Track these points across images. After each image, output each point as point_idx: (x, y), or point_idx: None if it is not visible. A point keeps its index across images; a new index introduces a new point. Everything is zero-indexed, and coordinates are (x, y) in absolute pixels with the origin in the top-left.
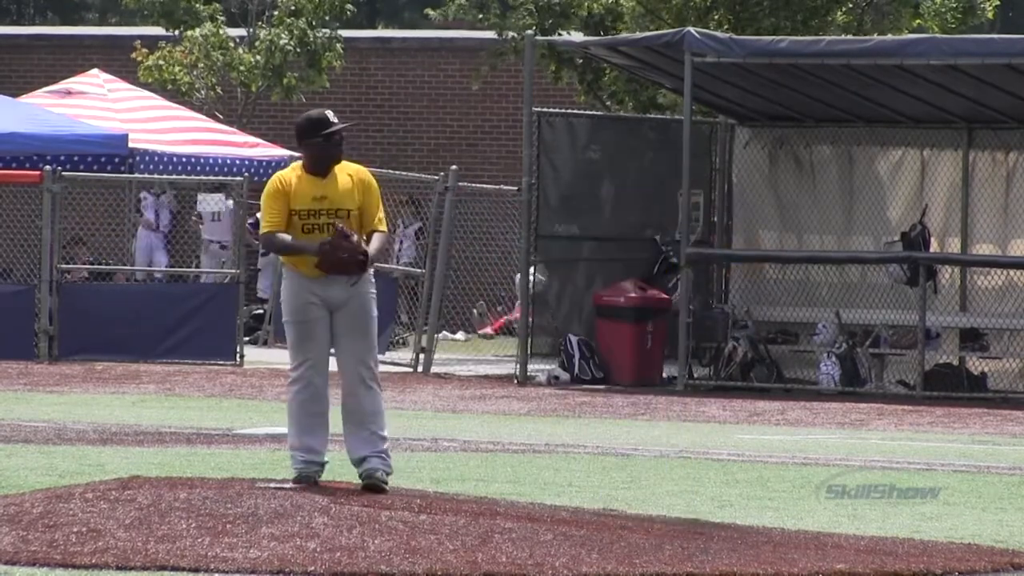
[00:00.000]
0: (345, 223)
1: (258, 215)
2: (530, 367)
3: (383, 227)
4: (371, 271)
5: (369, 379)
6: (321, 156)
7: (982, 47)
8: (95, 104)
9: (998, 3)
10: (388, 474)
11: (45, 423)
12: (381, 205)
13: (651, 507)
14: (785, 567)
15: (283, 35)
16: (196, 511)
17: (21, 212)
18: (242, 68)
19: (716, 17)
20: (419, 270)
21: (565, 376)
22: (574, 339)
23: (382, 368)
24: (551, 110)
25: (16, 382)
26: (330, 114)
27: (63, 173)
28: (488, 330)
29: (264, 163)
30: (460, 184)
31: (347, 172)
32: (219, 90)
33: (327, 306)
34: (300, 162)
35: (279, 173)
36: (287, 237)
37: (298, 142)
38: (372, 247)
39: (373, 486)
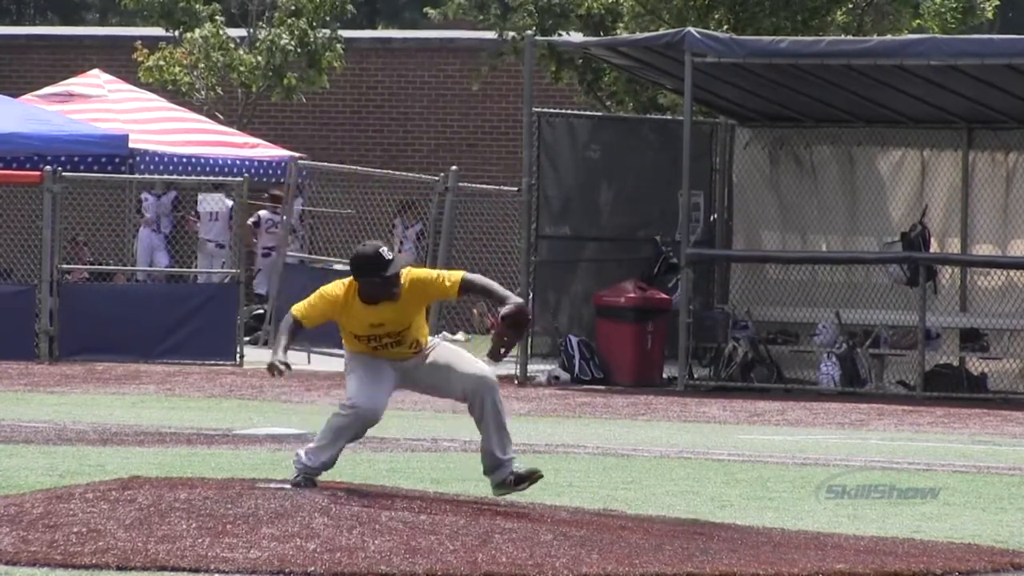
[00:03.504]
0: (404, 333)
1: (260, 213)
2: (530, 367)
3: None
4: (435, 344)
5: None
6: (378, 294)
7: (982, 47)
8: (96, 105)
9: (998, 3)
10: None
11: (45, 423)
12: (436, 275)
13: (651, 507)
14: (785, 567)
15: (283, 35)
16: (196, 511)
17: (21, 212)
18: (242, 69)
19: (716, 17)
20: None
21: (565, 376)
22: (574, 339)
23: None
24: (551, 110)
25: (16, 382)
26: (385, 251)
27: (63, 173)
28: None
29: (264, 163)
30: (460, 185)
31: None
32: (219, 91)
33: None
34: (353, 281)
35: (339, 287)
36: (289, 333)
37: (355, 277)
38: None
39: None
